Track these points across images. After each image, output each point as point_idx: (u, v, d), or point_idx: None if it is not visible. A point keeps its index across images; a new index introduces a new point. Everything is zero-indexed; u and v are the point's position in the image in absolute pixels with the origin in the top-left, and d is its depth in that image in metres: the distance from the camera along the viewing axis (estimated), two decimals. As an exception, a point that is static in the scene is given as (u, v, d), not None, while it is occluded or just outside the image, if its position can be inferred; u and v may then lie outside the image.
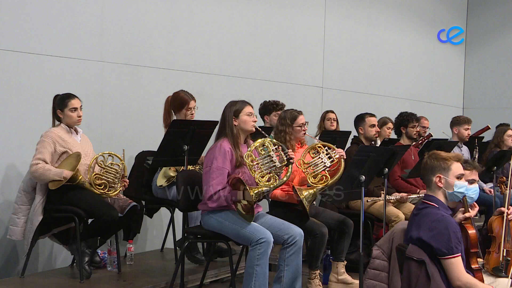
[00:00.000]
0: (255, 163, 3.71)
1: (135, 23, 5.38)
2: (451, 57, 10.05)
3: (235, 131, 3.79)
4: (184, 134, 4.16)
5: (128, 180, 4.24)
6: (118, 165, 4.17)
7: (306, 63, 7.21)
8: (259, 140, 3.79)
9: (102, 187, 4.10)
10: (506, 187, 3.84)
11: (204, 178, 3.73)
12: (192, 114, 4.66)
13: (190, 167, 4.41)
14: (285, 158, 3.78)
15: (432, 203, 3.18)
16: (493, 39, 10.22)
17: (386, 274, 3.42)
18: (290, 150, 3.86)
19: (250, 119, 3.82)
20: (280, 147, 3.81)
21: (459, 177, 3.17)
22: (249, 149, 3.74)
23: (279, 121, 4.37)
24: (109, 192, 4.11)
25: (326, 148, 4.12)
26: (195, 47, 5.92)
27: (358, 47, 7.98)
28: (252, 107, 3.88)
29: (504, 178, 4.14)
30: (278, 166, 3.76)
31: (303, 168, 4.09)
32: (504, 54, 10.11)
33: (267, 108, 5.62)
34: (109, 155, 4.17)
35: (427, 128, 6.87)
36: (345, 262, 4.47)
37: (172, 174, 4.51)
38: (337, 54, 7.58)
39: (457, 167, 3.18)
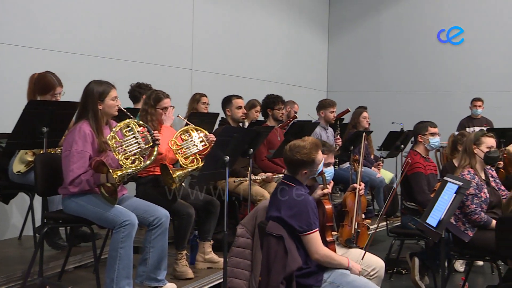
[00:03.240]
0: (119, 145, 3.64)
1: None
2: (315, 42, 10.51)
3: (99, 114, 3.67)
4: (43, 115, 3.94)
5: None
6: (-33, 149, 3.86)
7: (175, 44, 7.15)
8: (124, 122, 3.72)
9: None
10: (359, 164, 4.12)
11: (64, 162, 3.59)
12: (57, 100, 4.41)
13: (50, 150, 4.20)
14: (150, 140, 3.75)
15: (291, 183, 3.36)
16: (354, 25, 10.86)
17: (250, 251, 3.54)
18: (156, 132, 3.84)
19: (115, 103, 3.73)
20: (146, 128, 3.77)
21: (319, 163, 3.38)
22: (113, 131, 3.66)
23: (144, 100, 4.35)
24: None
25: (199, 132, 4.17)
26: (57, 24, 5.61)
27: (227, 30, 8.07)
28: (116, 90, 3.79)
29: (357, 156, 4.44)
30: (144, 147, 3.72)
31: (175, 149, 4.09)
32: (364, 40, 10.79)
33: (143, 89, 5.48)
34: (-44, 138, 3.84)
35: (296, 112, 7.14)
36: (212, 242, 4.55)
37: (29, 158, 4.27)
38: (206, 36, 7.60)
39: (319, 157, 3.38)
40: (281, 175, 5.39)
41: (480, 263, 5.70)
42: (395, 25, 10.63)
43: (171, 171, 3.96)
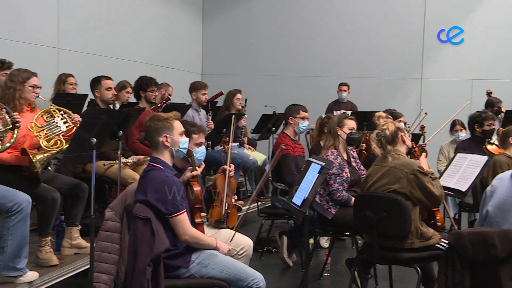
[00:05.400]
0: (-28, 127, 3.39)
1: None
2: (190, 23, 10.43)
3: None
4: None
5: None
6: None
7: (38, 21, 6.69)
8: (-21, 103, 3.46)
9: None
10: (228, 146, 4.19)
11: None
12: None
13: None
14: (10, 122, 3.52)
15: (157, 165, 3.32)
16: (228, 7, 10.93)
17: (119, 234, 3.47)
18: (16, 113, 3.62)
19: None
20: (4, 109, 3.54)
21: (181, 134, 3.37)
22: (-36, 112, 3.39)
23: (10, 77, 4.04)
24: None
25: (62, 112, 3.98)
26: None
27: (96, 8, 7.73)
28: None
29: (227, 138, 4.51)
30: (2, 130, 3.51)
31: (35, 131, 3.87)
32: (238, 24, 10.91)
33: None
34: None
35: (171, 94, 7.05)
36: (80, 227, 4.40)
37: None
38: (73, 13, 7.21)
39: (178, 125, 3.38)
40: (152, 158, 5.33)
41: (343, 238, 6.08)
42: (268, 9, 10.84)
43: (30, 155, 3.74)
